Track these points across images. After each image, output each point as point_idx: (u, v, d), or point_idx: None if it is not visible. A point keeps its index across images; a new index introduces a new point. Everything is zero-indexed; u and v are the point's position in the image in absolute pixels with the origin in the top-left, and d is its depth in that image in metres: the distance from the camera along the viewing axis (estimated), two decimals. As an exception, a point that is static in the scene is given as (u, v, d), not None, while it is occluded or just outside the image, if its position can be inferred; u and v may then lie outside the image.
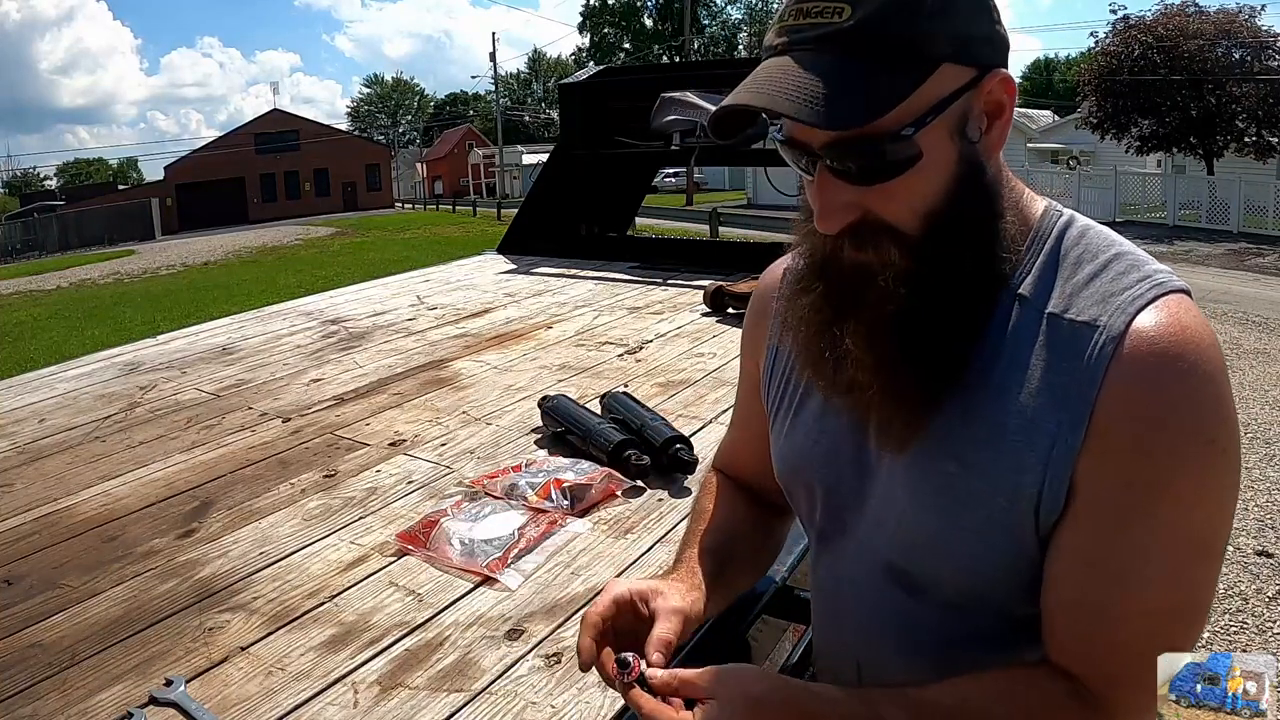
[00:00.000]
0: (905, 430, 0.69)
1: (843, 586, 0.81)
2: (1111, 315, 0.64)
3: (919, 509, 0.71)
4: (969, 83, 0.64)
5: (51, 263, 23.74)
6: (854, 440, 0.76)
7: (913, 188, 0.65)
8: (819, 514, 0.82)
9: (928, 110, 0.62)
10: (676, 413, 1.89)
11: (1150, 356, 0.62)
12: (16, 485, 1.66)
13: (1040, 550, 0.67)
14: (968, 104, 0.64)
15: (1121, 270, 0.67)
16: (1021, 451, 0.65)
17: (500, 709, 0.97)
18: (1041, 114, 32.96)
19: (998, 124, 0.66)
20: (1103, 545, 0.64)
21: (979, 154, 0.66)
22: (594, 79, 4.38)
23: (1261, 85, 17.86)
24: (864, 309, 0.68)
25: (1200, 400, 0.62)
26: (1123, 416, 0.62)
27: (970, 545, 0.69)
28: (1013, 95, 0.66)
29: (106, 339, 7.80)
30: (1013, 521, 0.67)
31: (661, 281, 3.42)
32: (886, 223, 0.66)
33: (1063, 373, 0.64)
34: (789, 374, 0.84)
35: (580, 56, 51.11)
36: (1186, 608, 0.65)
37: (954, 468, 0.68)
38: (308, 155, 42.31)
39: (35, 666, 1.07)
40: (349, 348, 2.60)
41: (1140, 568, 0.63)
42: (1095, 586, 0.64)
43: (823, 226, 0.67)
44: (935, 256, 0.66)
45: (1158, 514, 0.62)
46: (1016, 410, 0.66)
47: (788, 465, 0.84)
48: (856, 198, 0.65)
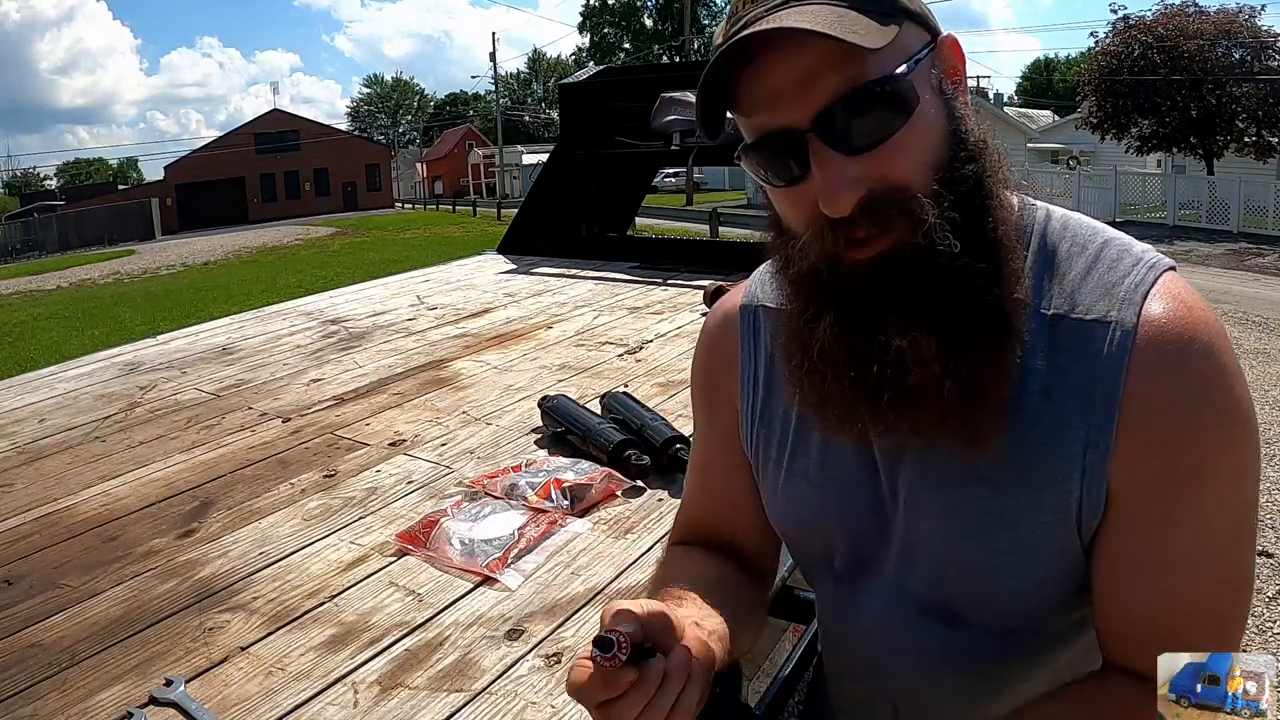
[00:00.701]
0: (994, 418, 0.63)
1: (870, 627, 0.77)
2: (1120, 309, 0.63)
3: (952, 540, 0.68)
4: (928, 44, 0.64)
5: (51, 263, 23.73)
6: (868, 479, 0.73)
7: (916, 139, 0.61)
8: (838, 559, 0.78)
9: (909, 58, 0.61)
10: (676, 413, 1.89)
11: (1169, 345, 0.61)
12: (16, 485, 1.66)
13: (1085, 557, 0.66)
14: (933, 62, 0.64)
15: (1114, 258, 0.66)
16: (1053, 461, 0.64)
17: (500, 709, 0.97)
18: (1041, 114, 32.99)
19: (960, 88, 0.65)
20: (1155, 542, 0.63)
21: (959, 111, 0.64)
22: (594, 79, 4.38)
23: (1261, 85, 17.85)
24: (901, 295, 0.61)
25: (1224, 379, 0.62)
26: (1154, 410, 0.61)
27: (1012, 568, 0.67)
28: (963, 58, 0.66)
29: (106, 339, 7.80)
30: (1054, 534, 0.65)
31: (661, 281, 3.42)
32: (899, 188, 0.61)
33: (1081, 375, 0.63)
34: (774, 422, 0.78)
35: (580, 56, 51.16)
36: (1240, 580, 0.65)
37: (985, 492, 0.66)
38: (308, 155, 42.29)
39: (35, 666, 1.07)
40: (349, 348, 2.60)
41: (1196, 555, 0.63)
42: (1154, 584, 0.63)
43: (832, 207, 0.60)
44: (957, 201, 0.61)
45: (1205, 499, 0.62)
46: (1039, 420, 0.64)
47: (793, 516, 0.79)
48: (861, 170, 0.60)
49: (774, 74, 0.61)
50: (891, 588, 0.74)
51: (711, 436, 0.86)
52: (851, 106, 0.60)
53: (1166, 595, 0.63)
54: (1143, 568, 0.64)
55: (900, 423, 0.63)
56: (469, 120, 57.61)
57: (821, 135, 0.60)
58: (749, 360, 0.81)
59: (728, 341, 0.83)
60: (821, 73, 0.60)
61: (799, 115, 0.61)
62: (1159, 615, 0.64)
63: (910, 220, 0.60)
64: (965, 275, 0.61)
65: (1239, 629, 0.66)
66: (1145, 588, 0.64)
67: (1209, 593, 0.64)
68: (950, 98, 0.64)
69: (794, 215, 0.65)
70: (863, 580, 0.77)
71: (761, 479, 0.81)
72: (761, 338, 0.80)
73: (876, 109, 0.60)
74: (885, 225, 0.61)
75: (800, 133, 0.61)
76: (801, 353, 0.66)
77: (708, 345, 0.86)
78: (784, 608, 1.18)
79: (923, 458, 0.69)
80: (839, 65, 0.59)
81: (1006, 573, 0.67)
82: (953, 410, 0.62)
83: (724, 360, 0.83)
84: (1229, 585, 0.65)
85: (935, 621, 0.73)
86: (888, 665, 0.77)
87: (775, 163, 0.64)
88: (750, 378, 0.81)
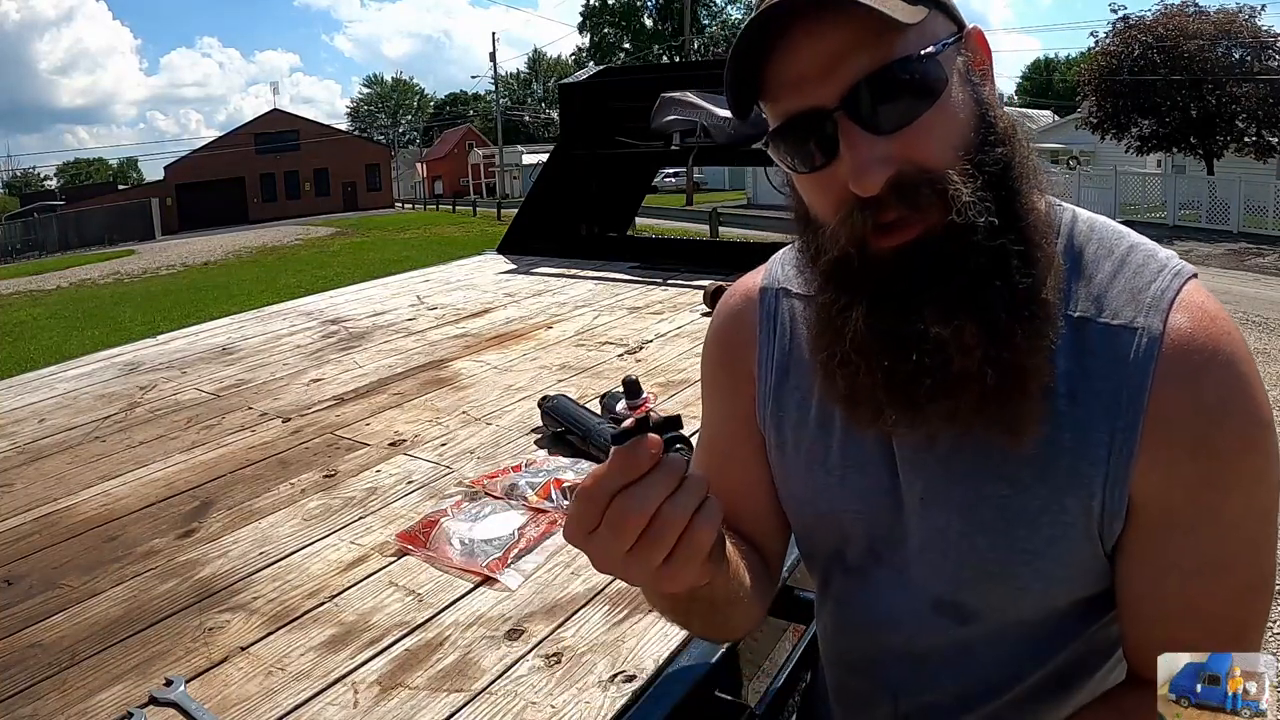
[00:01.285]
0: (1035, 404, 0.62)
1: (879, 619, 0.76)
2: (1146, 315, 0.63)
3: (972, 537, 0.68)
4: (955, 33, 0.64)
5: (51, 263, 23.72)
6: (888, 470, 0.72)
7: (945, 121, 0.61)
8: (851, 550, 0.77)
9: (936, 42, 0.61)
10: (677, 413, 1.88)
11: (1195, 354, 0.61)
12: (16, 485, 1.66)
13: (1106, 562, 0.66)
14: (959, 50, 0.64)
15: (1140, 263, 0.66)
16: (1077, 464, 0.64)
17: (500, 709, 0.97)
18: (1041, 114, 32.96)
19: (988, 80, 0.65)
20: (1180, 549, 0.63)
21: (988, 99, 0.64)
22: (594, 79, 4.38)
23: (1261, 85, 17.86)
24: (937, 281, 0.60)
25: (1246, 387, 0.62)
26: (1179, 417, 0.61)
27: (1030, 568, 0.67)
28: (989, 52, 0.66)
29: (106, 339, 7.80)
30: (1074, 537, 0.65)
31: (661, 281, 3.42)
32: (928, 169, 0.60)
33: (1107, 379, 0.63)
34: (789, 406, 0.78)
35: (580, 56, 51.13)
36: (1264, 581, 0.66)
37: (1006, 490, 0.66)
38: (308, 155, 42.29)
39: (35, 666, 1.07)
40: (349, 348, 2.60)
41: (1218, 560, 0.63)
42: (1176, 590, 0.64)
43: (862, 186, 0.59)
44: (990, 184, 0.61)
45: (1229, 506, 0.62)
46: (1064, 422, 0.64)
47: (810, 504, 0.78)
48: (890, 150, 0.59)
49: (801, 56, 0.61)
50: (905, 582, 0.74)
51: (727, 418, 0.84)
52: (879, 86, 0.59)
53: (1189, 601, 0.64)
54: (1165, 573, 0.64)
55: (935, 414, 0.62)
56: (469, 120, 57.61)
57: (850, 114, 0.60)
58: (768, 340, 0.80)
59: (748, 321, 0.82)
60: (848, 53, 0.59)
61: (827, 95, 0.60)
62: (1182, 621, 0.64)
63: (942, 200, 0.59)
64: (1002, 256, 0.60)
65: (1259, 633, 0.67)
66: (1167, 593, 0.64)
67: (1231, 598, 0.64)
68: (977, 85, 0.64)
69: (822, 201, 0.64)
70: (875, 572, 0.76)
71: (773, 463, 0.81)
72: (780, 320, 0.80)
73: (904, 89, 0.60)
74: (915, 204, 0.60)
75: (828, 112, 0.60)
76: (834, 344, 0.64)
77: (727, 324, 0.84)
78: (784, 608, 1.18)
79: (946, 452, 0.68)
80: (866, 45, 0.59)
81: (1024, 573, 0.67)
82: (994, 398, 0.60)
83: (745, 337, 0.81)
84: (1252, 590, 0.65)
85: (946, 618, 0.73)
86: (892, 659, 0.77)
87: (802, 148, 0.63)
88: (768, 357, 0.80)
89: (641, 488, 0.52)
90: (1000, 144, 0.62)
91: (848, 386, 0.65)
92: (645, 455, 0.51)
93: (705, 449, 0.87)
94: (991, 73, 0.66)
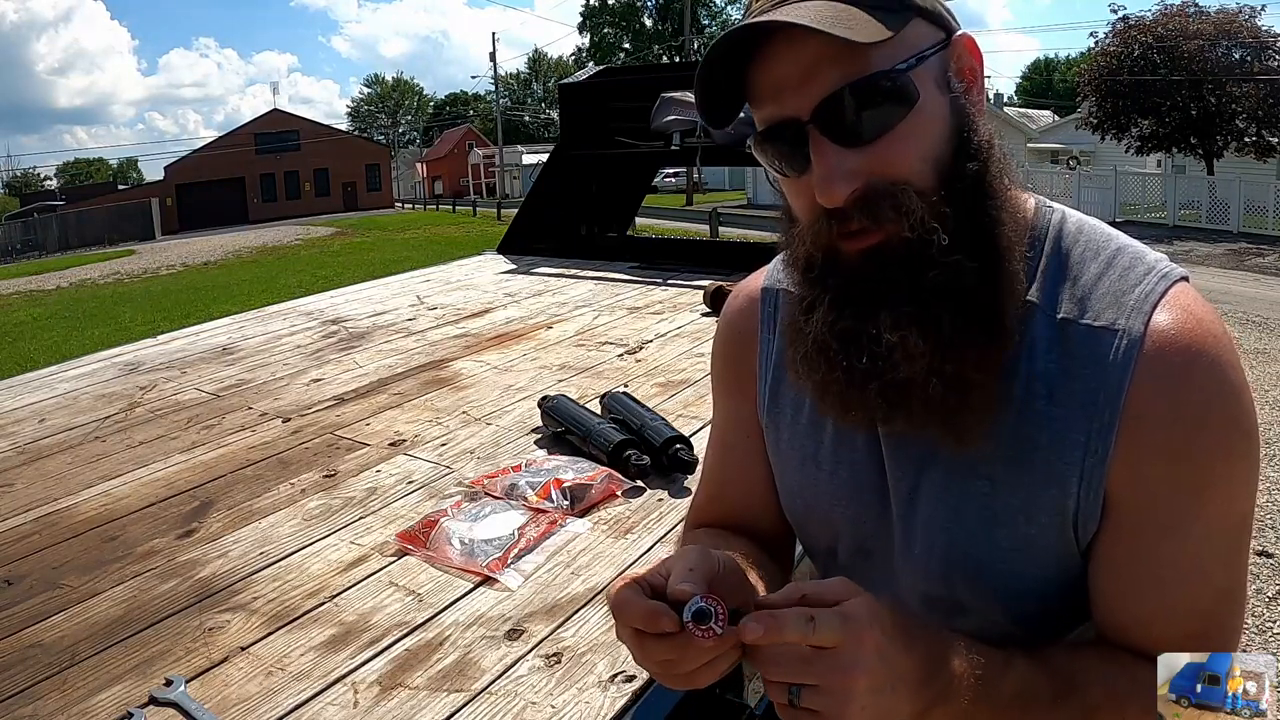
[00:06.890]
0: (979, 414, 0.63)
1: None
2: (1128, 317, 0.63)
3: (953, 533, 0.69)
4: (940, 42, 0.64)
5: (52, 263, 23.74)
6: (876, 468, 0.73)
7: (916, 134, 0.62)
8: (841, 546, 0.78)
9: (913, 54, 0.62)
10: (676, 413, 1.89)
11: (1175, 356, 0.61)
12: (16, 485, 1.66)
13: (1082, 561, 0.66)
14: (944, 61, 0.64)
15: (1127, 265, 0.66)
16: (1053, 463, 0.64)
17: (500, 709, 0.97)
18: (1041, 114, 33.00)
19: (975, 87, 0.65)
20: (1151, 551, 0.63)
21: (967, 110, 0.64)
22: (594, 79, 4.39)
23: (1261, 85, 17.85)
24: (894, 289, 0.61)
25: (1229, 393, 0.61)
26: (1156, 420, 0.61)
27: (1013, 564, 0.67)
28: (980, 58, 0.66)
29: (106, 339, 7.80)
30: (1051, 536, 0.66)
31: (661, 281, 3.42)
32: (894, 183, 0.61)
33: (1086, 380, 0.63)
34: (785, 405, 0.79)
35: (580, 56, 51.10)
36: (1237, 587, 0.66)
37: (986, 488, 0.66)
38: (308, 155, 42.33)
39: (35, 666, 1.07)
40: (349, 348, 2.60)
41: (1191, 565, 0.63)
42: (1149, 592, 0.64)
43: (826, 197, 0.61)
44: (955, 198, 0.62)
45: (1205, 512, 0.62)
46: (1043, 422, 0.64)
47: (804, 500, 0.79)
48: (858, 163, 0.61)
49: (778, 66, 0.62)
50: (891, 577, 0.75)
51: (734, 416, 0.86)
52: (850, 100, 0.61)
53: (1161, 604, 0.64)
54: (1138, 576, 0.64)
55: (893, 414, 0.64)
56: (469, 120, 57.65)
57: (820, 127, 0.61)
58: (767, 339, 0.82)
59: (750, 320, 0.84)
60: (822, 66, 0.61)
61: (801, 106, 0.62)
62: (1152, 623, 0.64)
63: (900, 214, 0.61)
64: (956, 272, 0.61)
65: (1235, 639, 0.66)
66: (1140, 595, 0.64)
67: (1203, 603, 0.64)
68: (959, 96, 0.64)
69: (799, 206, 0.67)
70: (865, 569, 0.77)
71: (772, 459, 0.83)
72: (779, 319, 0.82)
73: (874, 102, 0.61)
74: (876, 218, 0.61)
75: (802, 123, 0.62)
76: (799, 339, 0.67)
77: (732, 324, 0.86)
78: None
79: (930, 450, 0.69)
80: (839, 59, 0.60)
81: (1008, 569, 0.68)
82: (938, 407, 0.63)
83: (747, 336, 0.84)
84: (1223, 596, 0.65)
85: (936, 613, 0.73)
86: None
87: (782, 154, 0.65)
88: (767, 356, 0.82)
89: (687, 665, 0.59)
90: (974, 158, 0.63)
91: (812, 381, 0.67)
92: (708, 648, 0.56)
93: (716, 446, 0.90)
94: (981, 79, 0.66)
